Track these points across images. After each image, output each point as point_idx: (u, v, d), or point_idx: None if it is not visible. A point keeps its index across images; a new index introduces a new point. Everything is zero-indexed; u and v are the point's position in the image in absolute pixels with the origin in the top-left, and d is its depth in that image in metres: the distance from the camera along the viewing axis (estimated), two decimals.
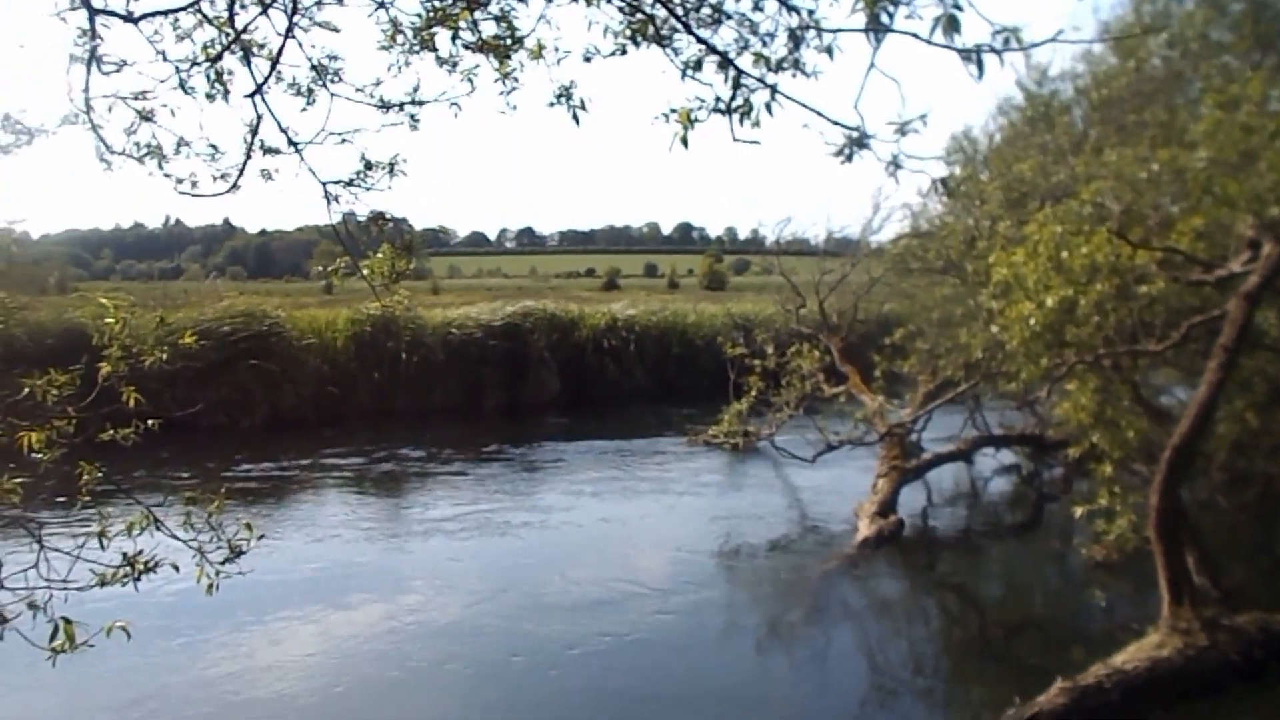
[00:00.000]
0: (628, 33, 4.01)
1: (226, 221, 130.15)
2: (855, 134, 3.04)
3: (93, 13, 4.73)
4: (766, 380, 15.63)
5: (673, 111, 3.51)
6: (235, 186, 4.95)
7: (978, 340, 10.98)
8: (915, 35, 2.80)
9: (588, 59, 4.48)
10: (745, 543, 11.51)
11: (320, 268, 6.33)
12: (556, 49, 4.17)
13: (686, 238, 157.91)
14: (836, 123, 2.92)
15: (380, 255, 5.40)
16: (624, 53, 3.86)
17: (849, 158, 3.11)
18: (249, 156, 5.35)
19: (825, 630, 9.08)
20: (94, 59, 4.99)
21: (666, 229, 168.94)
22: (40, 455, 3.80)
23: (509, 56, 4.89)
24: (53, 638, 3.52)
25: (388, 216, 5.31)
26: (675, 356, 24.05)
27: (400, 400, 20.45)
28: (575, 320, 23.63)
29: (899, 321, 15.07)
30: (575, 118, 4.17)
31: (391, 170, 5.22)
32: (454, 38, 4.85)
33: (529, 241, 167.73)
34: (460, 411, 20.64)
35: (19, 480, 3.78)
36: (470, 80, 5.10)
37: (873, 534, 11.25)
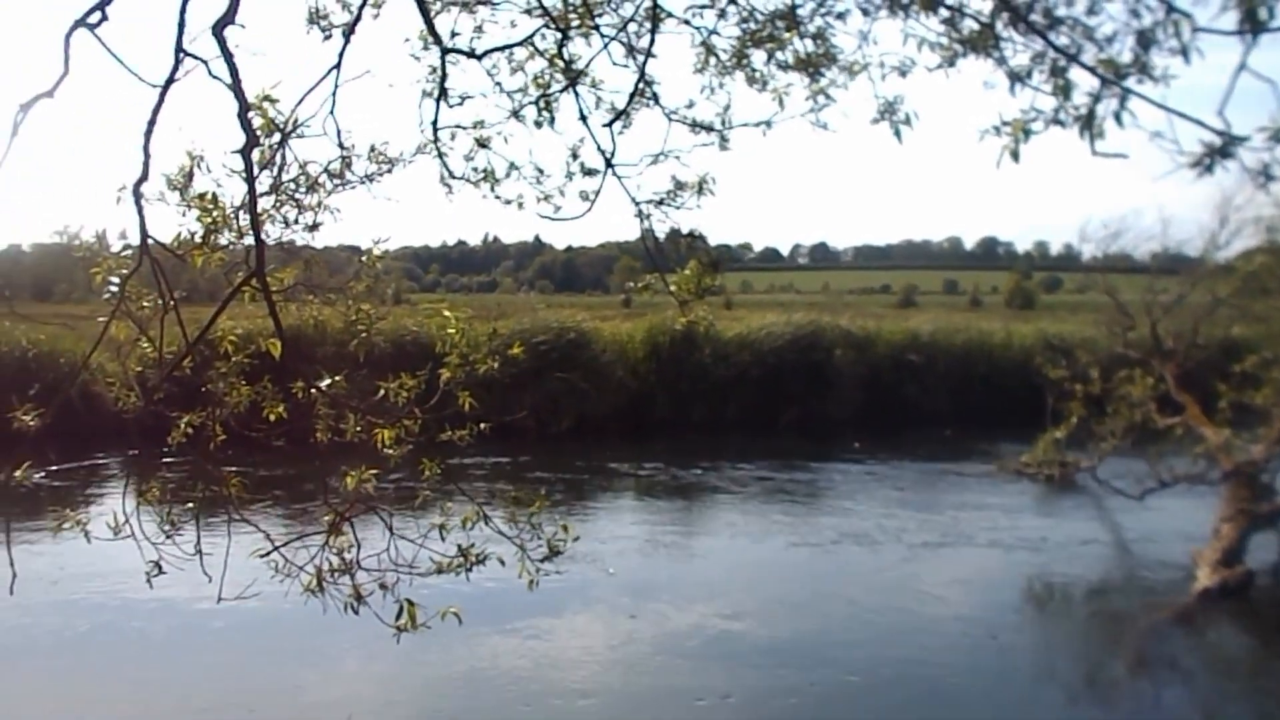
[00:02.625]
0: (955, 45, 3.83)
1: (537, 238, 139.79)
2: (1222, 141, 2.70)
3: (444, 52, 5.25)
4: (1088, 407, 14.41)
5: (1005, 124, 3.30)
6: (590, 207, 5.25)
7: None
8: None
9: (903, 73, 4.33)
10: (1059, 582, 10.65)
11: (631, 283, 6.59)
12: (882, 64, 4.05)
13: (991, 253, 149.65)
14: (1215, 130, 2.58)
15: (688, 272, 5.54)
16: (952, 64, 3.67)
17: (1209, 168, 2.76)
18: (569, 178, 5.71)
19: (1152, 686, 8.21)
20: (442, 93, 5.54)
21: (969, 243, 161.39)
22: (390, 451, 4.22)
23: (823, 74, 4.85)
24: (398, 617, 3.89)
25: (696, 234, 5.42)
26: (980, 378, 22.70)
27: (698, 411, 20.87)
28: (872, 337, 23.05)
29: (1249, 348, 13.35)
30: (898, 134, 4.03)
31: (700, 189, 5.31)
32: (769, 58, 4.89)
33: (822, 257, 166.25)
34: (755, 425, 20.71)
35: (373, 471, 4.23)
36: (780, 100, 5.10)
37: (1215, 584, 10.00)
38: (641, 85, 5.26)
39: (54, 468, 13.17)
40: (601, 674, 8.07)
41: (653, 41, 4.99)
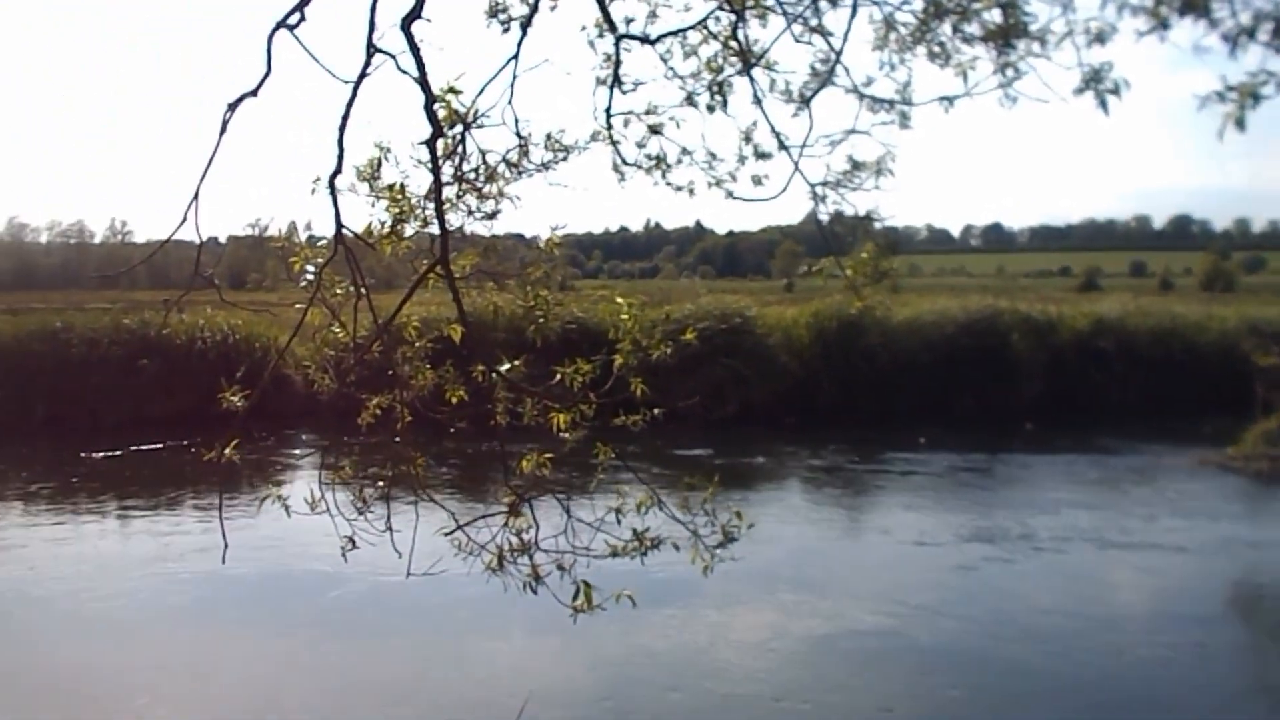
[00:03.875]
0: (1163, 7, 3.51)
1: (698, 224, 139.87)
2: None
3: (618, 38, 5.27)
4: None
5: (1230, 89, 3.00)
6: (782, 191, 5.20)
7: None
8: None
9: (1103, 41, 4.01)
10: (1271, 586, 9.80)
11: (805, 268, 6.47)
12: (1087, 30, 3.76)
13: (1183, 232, 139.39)
14: None
15: (865, 255, 5.38)
16: (1165, 27, 3.37)
17: None
18: (742, 162, 5.64)
19: None
20: (616, 80, 5.56)
21: (1158, 222, 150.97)
22: (566, 435, 4.28)
23: (1013, 45, 4.56)
24: (575, 598, 3.95)
25: (873, 216, 5.25)
26: (1176, 365, 21.10)
27: (866, 398, 20.32)
28: (1053, 322, 21.86)
29: None
30: (1103, 104, 3.74)
31: (880, 170, 5.13)
32: (954, 29, 4.64)
33: (996, 239, 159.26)
34: (927, 414, 19.98)
35: (549, 456, 4.30)
36: (965, 74, 4.84)
37: None
38: (827, 66, 5.10)
39: (257, 445, 14.17)
40: (763, 665, 7.98)
41: (852, 19, 4.83)
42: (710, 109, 5.58)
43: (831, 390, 20.30)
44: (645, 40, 5.36)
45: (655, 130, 5.67)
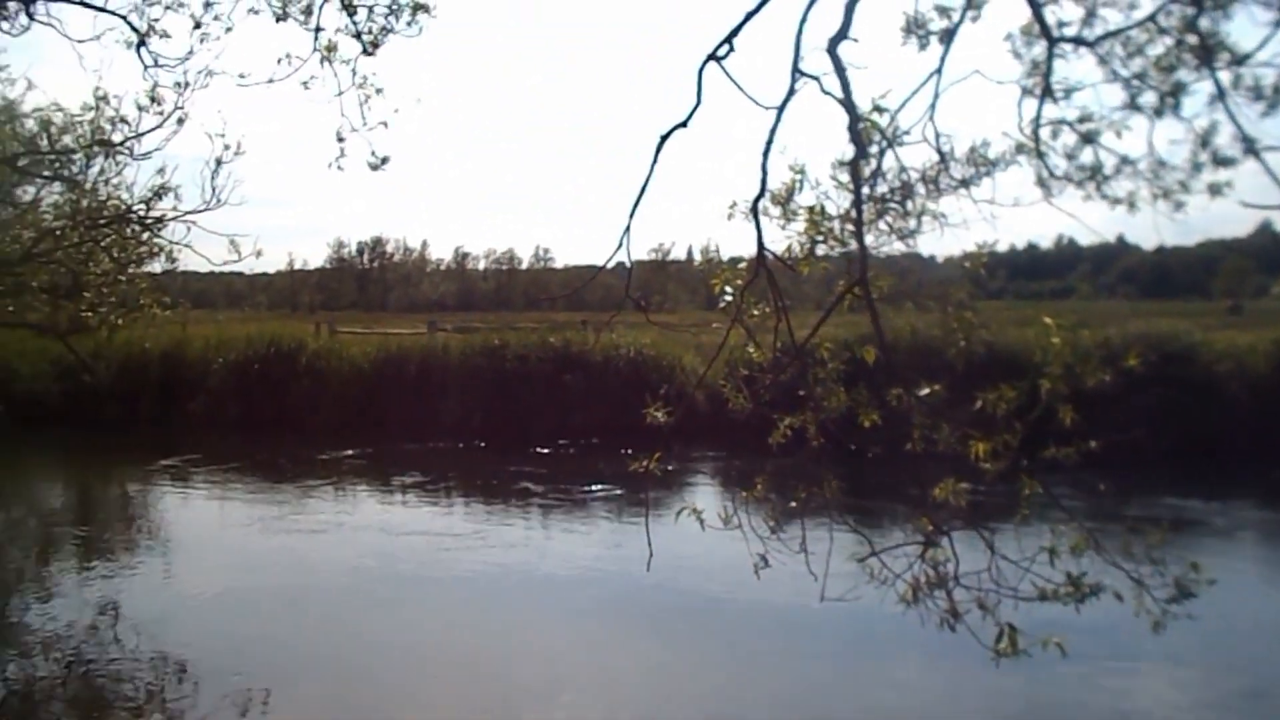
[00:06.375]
0: None
1: (1120, 239, 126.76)
2: None
3: (1052, 42, 4.91)
4: None
5: None
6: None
7: None
8: None
9: None
10: None
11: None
12: None
13: None
14: None
15: None
16: None
17: None
18: (1198, 169, 5.02)
19: None
20: (1047, 89, 5.19)
21: None
22: (986, 466, 4.02)
23: None
24: (998, 640, 3.69)
25: None
26: None
27: None
28: None
29: None
30: None
31: None
32: None
33: None
34: None
35: (964, 486, 4.07)
36: None
37: None
38: None
39: (674, 459, 15.02)
40: None
41: None
42: (1158, 112, 5.05)
43: None
44: (1083, 43, 4.96)
45: (1089, 139, 5.23)
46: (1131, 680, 7.71)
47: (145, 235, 9.82)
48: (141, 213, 9.47)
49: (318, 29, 7.76)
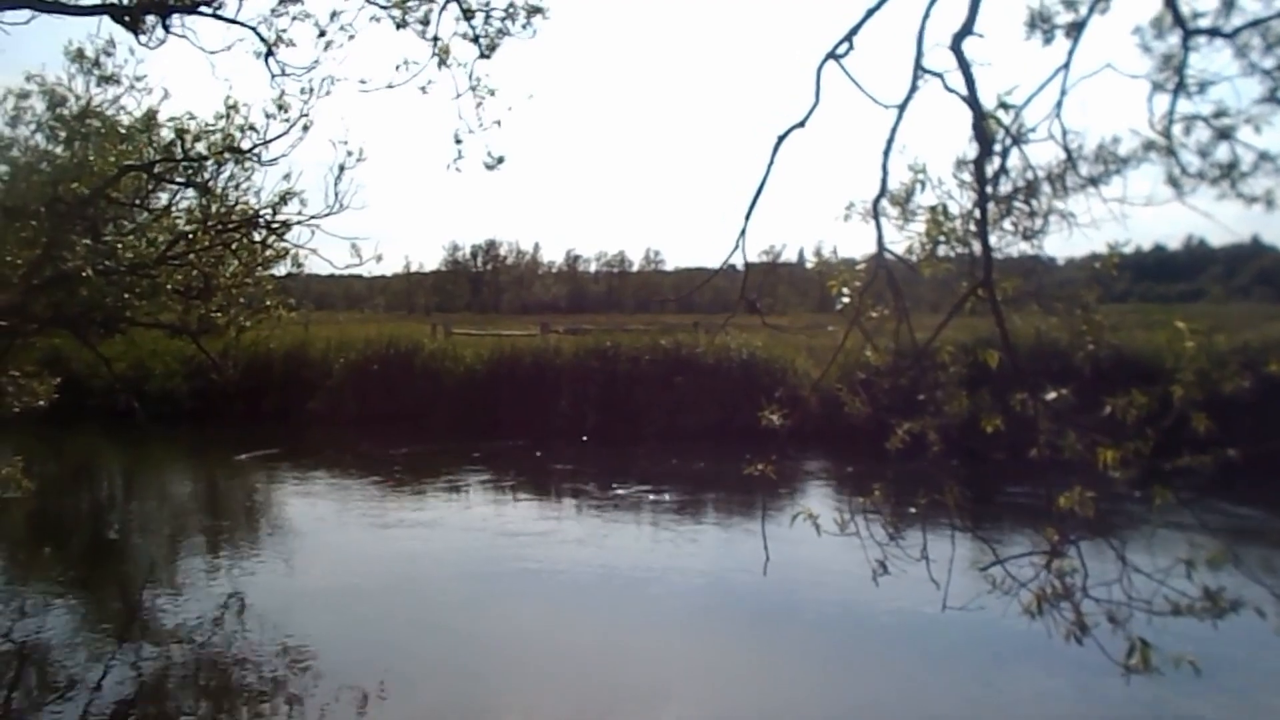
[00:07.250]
0: None
1: (1255, 239, 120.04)
2: None
3: (1187, 33, 4.70)
4: None
5: None
6: None
7: None
8: None
9: None
10: None
11: None
12: None
13: None
14: None
15: None
16: None
17: None
18: None
19: None
20: (1180, 83, 4.97)
21: None
22: (1115, 474, 3.88)
23: None
24: (1129, 655, 3.55)
25: None
26: None
27: None
28: None
29: None
30: None
31: None
32: None
33: None
34: None
35: (1091, 495, 3.93)
36: None
37: None
38: None
39: (790, 463, 14.91)
40: None
41: None
42: None
43: None
44: (1219, 34, 4.73)
45: (1225, 135, 4.99)
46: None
47: (272, 239, 10.26)
48: (268, 217, 9.90)
49: (435, 38, 7.95)
